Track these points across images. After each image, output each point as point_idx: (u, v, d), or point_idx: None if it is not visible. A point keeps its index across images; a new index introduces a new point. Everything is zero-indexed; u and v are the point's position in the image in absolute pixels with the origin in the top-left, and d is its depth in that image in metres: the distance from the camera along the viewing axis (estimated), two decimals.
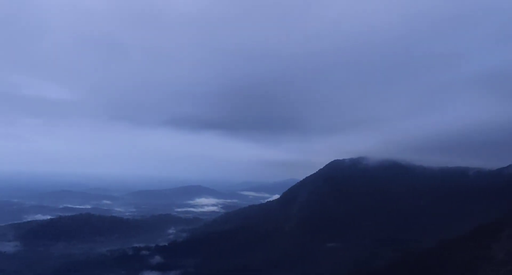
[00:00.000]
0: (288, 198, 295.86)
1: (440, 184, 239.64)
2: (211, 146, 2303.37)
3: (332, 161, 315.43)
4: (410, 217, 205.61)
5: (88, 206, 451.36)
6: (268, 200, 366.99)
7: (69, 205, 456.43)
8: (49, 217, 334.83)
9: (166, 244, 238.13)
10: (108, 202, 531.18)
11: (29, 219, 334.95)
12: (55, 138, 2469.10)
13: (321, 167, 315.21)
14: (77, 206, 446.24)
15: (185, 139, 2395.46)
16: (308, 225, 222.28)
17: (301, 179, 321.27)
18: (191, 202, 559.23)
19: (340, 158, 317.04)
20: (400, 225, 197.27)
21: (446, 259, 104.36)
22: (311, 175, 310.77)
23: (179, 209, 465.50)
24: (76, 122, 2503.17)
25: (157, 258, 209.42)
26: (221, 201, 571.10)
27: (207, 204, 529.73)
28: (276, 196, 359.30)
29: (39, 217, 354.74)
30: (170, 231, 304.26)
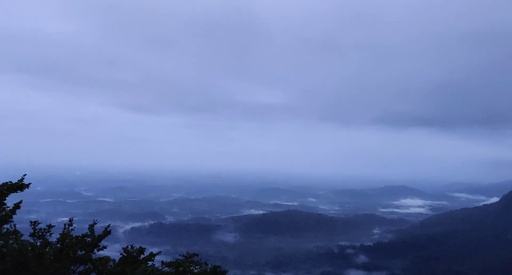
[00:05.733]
0: (510, 201, 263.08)
1: None
2: (419, 144, 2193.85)
3: None
4: None
5: (295, 203, 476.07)
6: (485, 203, 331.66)
7: (278, 202, 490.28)
8: (261, 212, 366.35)
9: (371, 244, 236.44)
10: (313, 199, 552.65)
11: (245, 213, 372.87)
12: (268, 139, 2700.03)
13: None
14: (285, 203, 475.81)
15: (392, 137, 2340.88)
16: None
17: None
18: (395, 202, 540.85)
19: None
20: None
21: None
22: None
23: (383, 209, 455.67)
24: (288, 124, 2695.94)
25: (362, 258, 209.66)
26: (428, 202, 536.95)
27: (413, 205, 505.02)
28: (495, 199, 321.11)
29: (253, 211, 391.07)
30: (375, 231, 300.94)
